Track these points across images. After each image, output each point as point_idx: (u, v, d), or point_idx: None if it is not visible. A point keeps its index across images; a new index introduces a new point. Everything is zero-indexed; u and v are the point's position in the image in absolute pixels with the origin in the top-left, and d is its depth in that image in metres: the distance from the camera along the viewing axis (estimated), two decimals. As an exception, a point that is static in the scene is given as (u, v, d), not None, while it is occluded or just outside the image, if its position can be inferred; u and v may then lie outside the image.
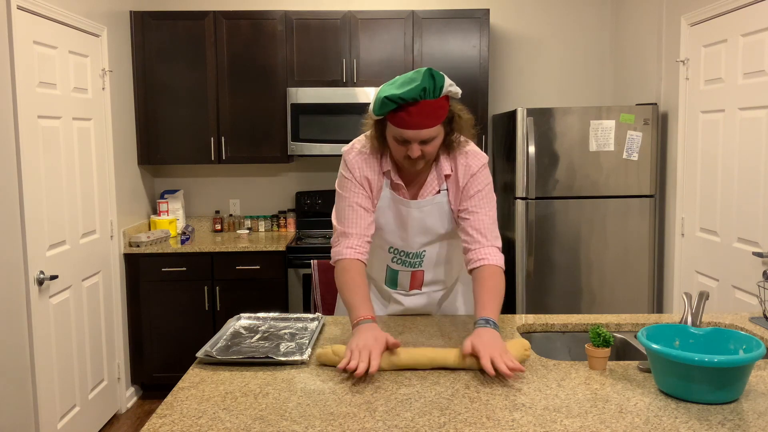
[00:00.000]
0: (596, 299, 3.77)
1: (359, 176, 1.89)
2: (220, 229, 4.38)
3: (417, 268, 2.01)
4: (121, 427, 3.57)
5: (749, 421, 1.31)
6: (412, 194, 1.93)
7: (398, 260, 2.02)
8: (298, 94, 3.93)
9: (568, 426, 1.30)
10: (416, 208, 1.91)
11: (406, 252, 1.98)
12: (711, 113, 3.24)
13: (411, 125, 1.69)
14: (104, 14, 3.59)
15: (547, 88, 4.45)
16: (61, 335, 3.06)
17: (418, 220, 1.92)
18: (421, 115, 1.68)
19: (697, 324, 1.65)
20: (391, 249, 2.00)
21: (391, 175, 1.89)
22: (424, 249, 1.98)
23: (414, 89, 1.65)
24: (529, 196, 3.69)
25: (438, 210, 1.92)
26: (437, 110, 1.70)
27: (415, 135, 1.71)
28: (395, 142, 1.77)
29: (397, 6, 4.31)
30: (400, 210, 1.92)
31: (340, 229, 1.88)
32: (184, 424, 1.33)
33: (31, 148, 2.80)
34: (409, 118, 1.68)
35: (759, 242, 2.87)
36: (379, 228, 1.95)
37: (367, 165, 1.90)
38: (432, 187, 1.91)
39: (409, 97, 1.66)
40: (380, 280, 2.10)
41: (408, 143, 1.74)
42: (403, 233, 1.95)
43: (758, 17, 2.86)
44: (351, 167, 1.90)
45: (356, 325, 1.68)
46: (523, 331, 2.01)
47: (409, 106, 1.67)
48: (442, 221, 1.94)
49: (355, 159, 1.90)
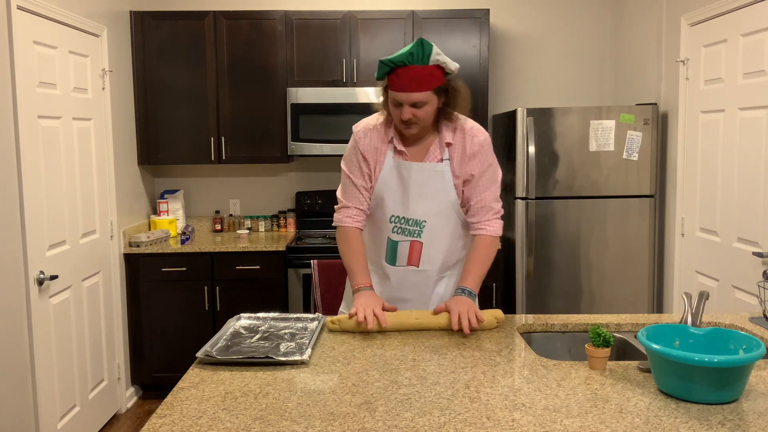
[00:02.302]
0: (596, 299, 3.77)
1: (363, 146, 2.06)
2: (220, 229, 4.38)
3: (416, 237, 2.08)
4: (121, 427, 3.57)
5: (749, 421, 1.31)
6: (415, 160, 2.07)
7: (398, 229, 2.09)
8: (298, 94, 3.93)
9: (568, 426, 1.30)
10: (418, 170, 2.04)
11: (407, 219, 2.07)
12: (711, 113, 3.24)
13: (401, 87, 1.89)
14: (104, 14, 3.59)
15: (547, 88, 4.45)
16: (61, 335, 3.06)
17: (419, 184, 2.04)
18: (410, 79, 1.87)
19: (697, 324, 1.65)
20: (392, 218, 2.08)
21: (394, 142, 2.04)
22: (425, 220, 2.06)
23: (403, 54, 1.87)
24: (529, 196, 3.69)
25: (440, 178, 2.04)
26: (426, 76, 1.88)
27: (406, 97, 1.90)
28: (392, 106, 1.96)
29: (397, 6, 4.31)
30: (402, 174, 2.05)
31: (341, 201, 2.13)
32: (184, 424, 1.33)
33: (31, 148, 2.80)
34: (398, 80, 1.89)
35: (759, 242, 2.87)
36: (381, 199, 2.08)
37: (374, 135, 2.07)
38: (435, 155, 2.05)
39: (398, 60, 1.87)
40: (380, 257, 2.15)
41: (401, 106, 1.92)
42: (404, 197, 2.06)
43: (758, 17, 2.86)
44: (357, 138, 2.08)
45: (357, 290, 1.98)
46: (523, 331, 2.01)
47: (399, 68, 1.88)
48: (444, 191, 2.05)
49: (362, 131, 2.09)
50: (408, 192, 2.05)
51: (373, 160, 2.07)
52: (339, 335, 1.91)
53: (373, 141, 2.07)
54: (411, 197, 2.05)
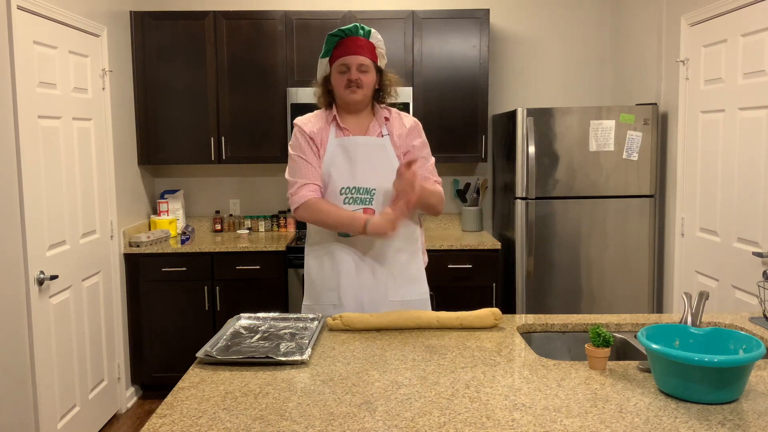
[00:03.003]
0: (596, 299, 3.77)
1: (308, 129, 2.22)
2: (220, 229, 4.38)
3: (368, 205, 2.19)
4: (121, 427, 3.57)
5: (749, 421, 1.31)
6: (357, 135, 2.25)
7: (349, 199, 2.19)
8: (298, 94, 3.93)
9: (568, 426, 1.30)
10: (362, 143, 2.22)
11: (357, 188, 2.19)
12: (711, 113, 3.24)
13: (349, 51, 2.17)
14: (104, 14, 3.59)
15: (547, 88, 4.45)
16: (61, 335, 3.06)
17: (364, 155, 2.21)
18: (356, 45, 2.18)
19: (697, 324, 1.65)
20: (343, 190, 2.19)
21: (337, 120, 2.24)
22: (374, 188, 2.19)
23: (348, 26, 2.20)
24: (529, 196, 3.69)
25: (383, 151, 2.23)
26: (368, 46, 2.20)
27: (353, 59, 2.16)
28: (338, 75, 2.19)
29: (397, 6, 4.31)
30: (348, 148, 2.21)
31: (296, 182, 2.21)
32: (184, 424, 1.34)
33: (31, 148, 2.81)
34: (346, 47, 2.17)
35: (759, 242, 2.87)
36: (328, 176, 2.20)
37: (314, 120, 2.26)
38: (375, 130, 2.26)
39: (347, 29, 2.19)
40: (333, 233, 2.22)
41: (348, 70, 2.16)
42: (352, 169, 2.20)
43: (758, 17, 2.86)
44: (300, 124, 2.25)
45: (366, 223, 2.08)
46: (523, 331, 2.01)
47: (347, 38, 2.19)
48: (388, 161, 2.21)
49: (303, 119, 2.28)
50: (355, 164, 2.20)
51: (318, 141, 2.22)
52: (339, 335, 1.91)
53: (315, 124, 2.25)
54: (359, 169, 2.19)
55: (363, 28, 2.21)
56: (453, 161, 4.05)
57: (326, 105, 2.29)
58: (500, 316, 1.98)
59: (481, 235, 4.07)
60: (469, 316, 1.96)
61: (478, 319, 1.96)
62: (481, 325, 1.96)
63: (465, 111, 4.04)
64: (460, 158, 4.07)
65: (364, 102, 2.24)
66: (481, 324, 1.95)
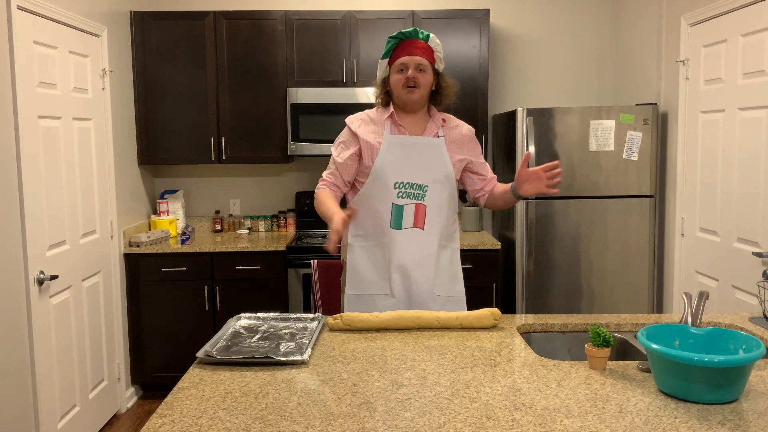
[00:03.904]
0: (596, 299, 3.77)
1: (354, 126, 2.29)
2: (220, 229, 4.38)
3: (420, 200, 2.25)
4: (121, 427, 3.57)
5: (749, 421, 1.31)
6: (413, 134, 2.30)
7: (403, 193, 2.25)
8: (298, 94, 3.93)
9: (568, 426, 1.30)
10: (417, 142, 2.27)
11: (411, 183, 2.25)
12: (711, 113, 3.24)
13: (407, 52, 2.22)
14: (104, 14, 3.59)
15: (547, 88, 4.45)
16: (61, 335, 3.06)
17: (420, 155, 2.26)
18: (414, 47, 2.23)
19: (697, 324, 1.65)
20: (397, 184, 2.25)
21: (394, 117, 2.28)
22: (427, 185, 2.25)
23: (408, 30, 2.26)
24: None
25: (437, 151, 2.28)
26: (427, 49, 2.25)
27: (410, 60, 2.21)
28: (397, 75, 2.24)
29: (397, 6, 4.31)
30: (404, 146, 2.26)
31: (324, 177, 2.34)
32: (184, 424, 1.34)
33: (31, 148, 2.81)
34: (404, 48, 2.23)
35: (759, 242, 2.87)
36: (382, 170, 2.24)
37: (366, 118, 2.33)
38: (431, 131, 2.30)
39: (407, 32, 2.25)
40: (384, 225, 2.26)
41: (407, 69, 2.21)
42: (407, 166, 2.25)
43: (758, 17, 2.86)
44: (349, 122, 2.32)
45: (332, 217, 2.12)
46: (523, 331, 2.01)
47: (405, 40, 2.24)
48: (442, 162, 2.27)
49: (354, 117, 2.35)
50: (410, 161, 2.25)
51: (366, 139, 2.26)
52: (339, 335, 1.91)
53: (367, 122, 2.31)
54: (413, 166, 2.25)
55: (422, 32, 2.25)
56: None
57: (384, 104, 2.34)
58: (499, 317, 1.98)
59: (481, 235, 4.07)
60: (468, 316, 1.97)
61: (478, 319, 1.96)
62: (481, 326, 1.96)
63: (465, 111, 4.04)
64: (460, 158, 4.07)
65: (421, 102, 2.28)
66: (480, 324, 1.96)
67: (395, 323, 1.95)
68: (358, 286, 2.32)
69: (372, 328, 1.95)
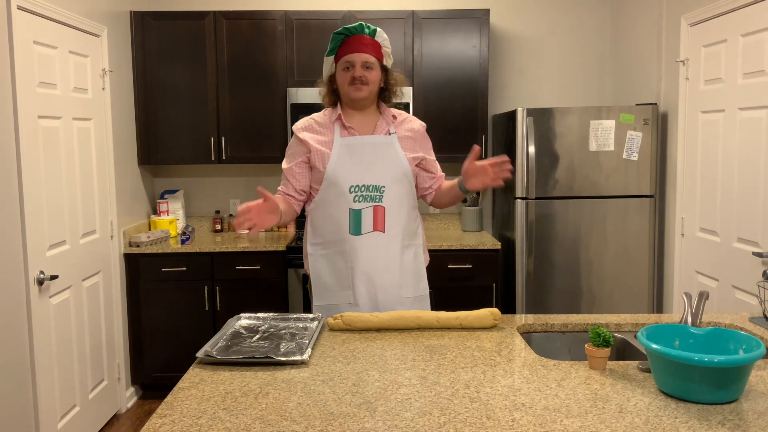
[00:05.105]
0: (596, 299, 3.77)
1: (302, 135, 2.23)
2: (220, 229, 4.38)
3: (378, 202, 2.20)
4: (121, 427, 3.57)
5: (749, 421, 1.31)
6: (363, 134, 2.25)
7: (359, 197, 2.19)
8: (298, 94, 3.93)
9: (568, 426, 1.30)
10: (369, 142, 2.22)
11: (366, 185, 2.19)
12: (711, 113, 3.24)
13: (353, 49, 2.18)
14: (104, 14, 3.59)
15: (547, 88, 4.45)
16: (61, 335, 3.06)
17: (373, 154, 2.21)
18: (361, 43, 2.18)
19: (697, 324, 1.65)
20: (352, 188, 2.19)
21: (342, 119, 2.23)
22: (383, 185, 2.20)
23: (354, 25, 2.21)
24: (529, 196, 3.69)
25: (391, 149, 2.23)
26: (374, 44, 2.20)
27: (358, 57, 2.17)
28: (343, 72, 2.19)
29: (397, 6, 4.31)
30: (355, 148, 2.21)
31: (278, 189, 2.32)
32: (184, 424, 1.34)
33: (31, 148, 2.81)
34: (351, 45, 2.18)
35: (759, 242, 2.87)
36: (336, 176, 2.18)
37: (313, 123, 2.27)
38: (382, 128, 2.26)
39: (352, 27, 2.20)
40: (343, 231, 2.20)
41: (353, 67, 2.17)
42: (360, 168, 2.19)
43: (758, 17, 2.86)
44: (296, 130, 2.27)
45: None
46: (523, 331, 2.01)
47: (352, 36, 2.20)
48: (396, 160, 2.22)
49: (300, 123, 2.29)
50: (363, 163, 2.20)
51: (315, 145, 2.21)
52: (339, 335, 1.91)
53: (314, 127, 2.25)
54: (367, 167, 2.19)
55: (368, 27, 2.21)
56: (453, 161, 4.04)
57: (331, 104, 2.29)
58: (499, 317, 1.98)
59: (481, 235, 4.07)
60: (468, 316, 1.97)
61: (477, 319, 1.96)
62: (481, 326, 1.96)
63: (465, 111, 4.04)
64: (460, 158, 4.07)
65: (369, 99, 2.24)
66: (480, 324, 1.96)
67: (395, 323, 1.95)
68: (324, 296, 2.28)
69: (372, 328, 1.95)
